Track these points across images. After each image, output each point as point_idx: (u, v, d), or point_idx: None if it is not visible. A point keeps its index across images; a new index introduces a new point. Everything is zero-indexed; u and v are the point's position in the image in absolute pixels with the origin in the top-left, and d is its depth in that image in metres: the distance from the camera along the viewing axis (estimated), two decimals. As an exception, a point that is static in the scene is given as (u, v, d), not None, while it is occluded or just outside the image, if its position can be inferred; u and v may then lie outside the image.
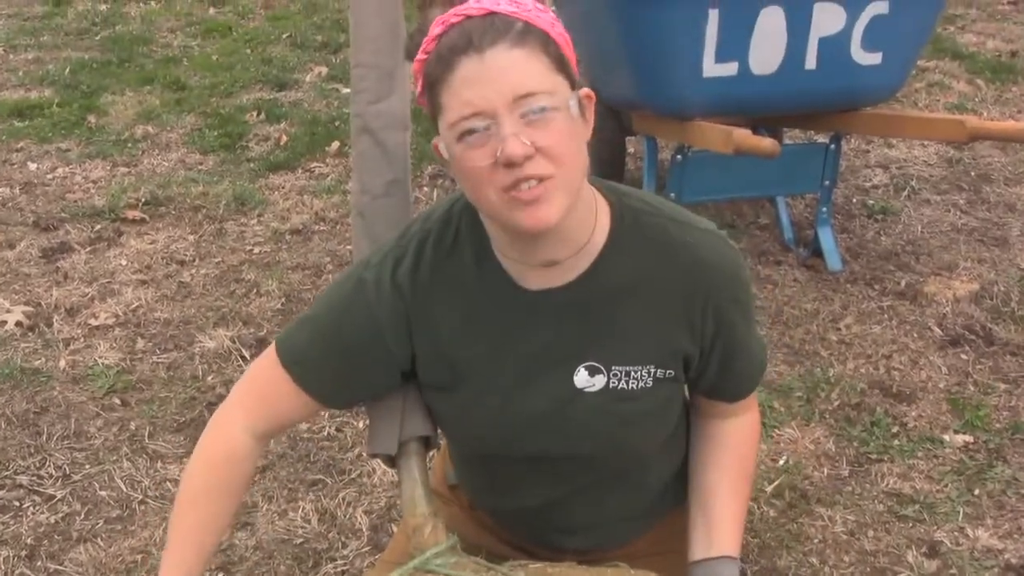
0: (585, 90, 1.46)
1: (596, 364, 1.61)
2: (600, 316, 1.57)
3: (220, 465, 1.70)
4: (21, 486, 3.18)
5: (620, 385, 1.62)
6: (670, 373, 1.64)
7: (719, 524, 1.73)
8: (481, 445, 1.70)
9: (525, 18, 1.40)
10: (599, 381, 1.61)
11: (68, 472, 3.24)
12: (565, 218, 1.44)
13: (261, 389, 1.70)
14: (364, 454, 3.27)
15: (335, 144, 5.59)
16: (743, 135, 3.52)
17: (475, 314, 1.59)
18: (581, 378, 1.61)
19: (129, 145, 5.67)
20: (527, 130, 1.38)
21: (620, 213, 1.57)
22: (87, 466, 3.28)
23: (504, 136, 1.37)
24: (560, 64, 1.41)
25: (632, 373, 1.62)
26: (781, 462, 3.25)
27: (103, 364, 3.76)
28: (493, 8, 1.39)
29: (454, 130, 1.40)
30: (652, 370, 1.62)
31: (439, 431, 1.76)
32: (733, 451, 1.78)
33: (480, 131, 1.38)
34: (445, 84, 1.39)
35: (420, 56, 1.44)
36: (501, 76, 1.37)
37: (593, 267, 1.55)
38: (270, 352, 1.68)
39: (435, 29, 1.41)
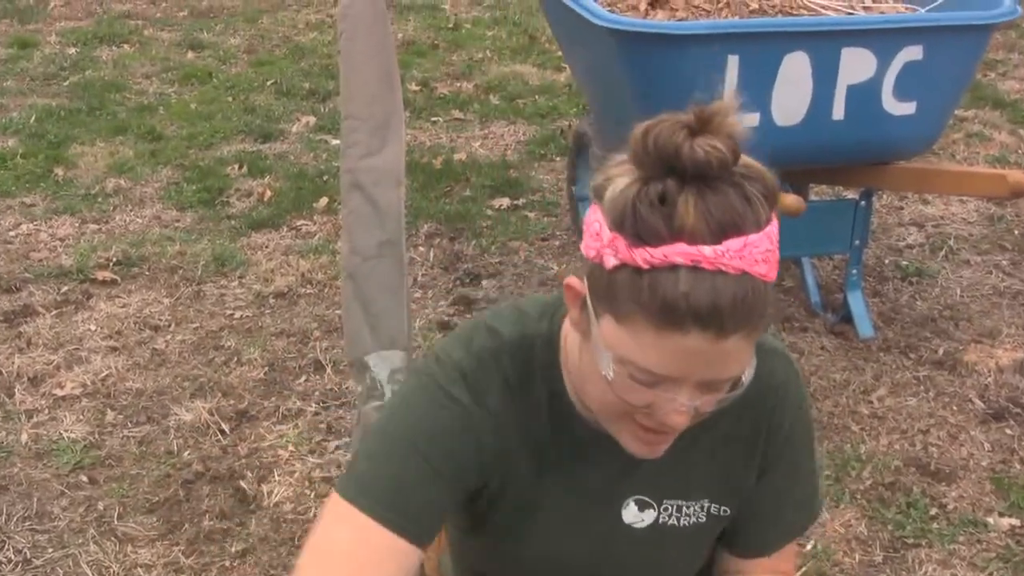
0: None
1: (647, 499, 1.61)
2: None
3: None
4: (-22, 572, 3.19)
5: (671, 521, 1.62)
6: (725, 511, 1.64)
7: None
8: (508, 573, 1.70)
9: (770, 276, 1.30)
10: (648, 516, 1.61)
11: (29, 556, 3.25)
12: None
13: (347, 559, 1.48)
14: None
15: (323, 200, 5.62)
16: (765, 191, 3.55)
17: (543, 450, 1.57)
18: (630, 512, 1.61)
19: (99, 200, 5.71)
20: (697, 396, 1.36)
21: None
22: (50, 550, 3.28)
23: (676, 407, 1.36)
24: (765, 326, 1.36)
25: (684, 508, 1.62)
26: (809, 547, 3.25)
27: (69, 438, 3.77)
28: (748, 267, 1.27)
29: (628, 365, 1.34)
30: (706, 505, 1.63)
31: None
32: None
33: (654, 381, 1.35)
34: (656, 331, 1.29)
35: (645, 255, 1.27)
36: (718, 363, 1.32)
37: None
38: (337, 506, 1.51)
39: (676, 256, 1.26)
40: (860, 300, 4.43)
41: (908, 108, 4.00)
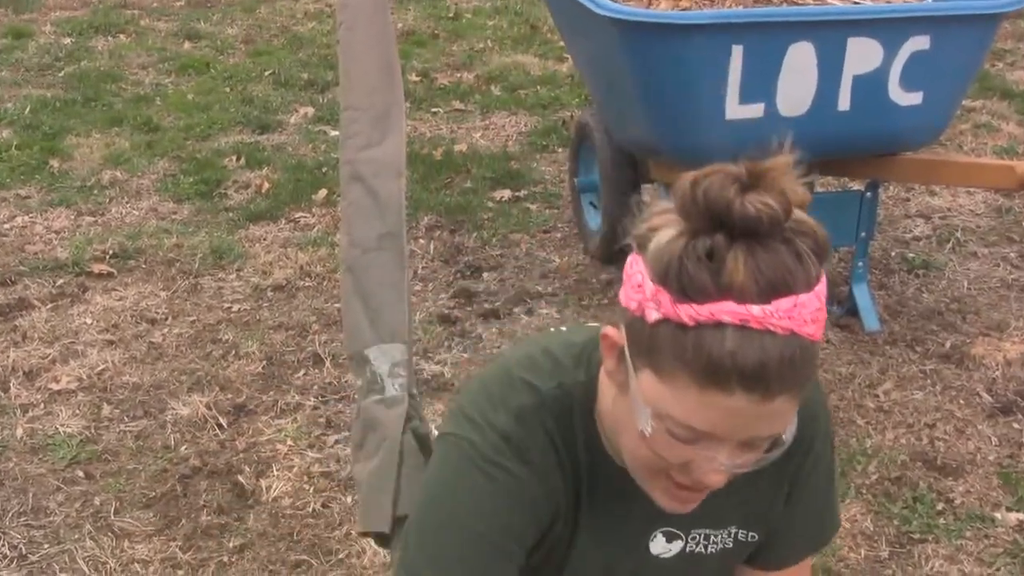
0: None
1: (675, 530, 1.61)
2: None
3: None
4: (-27, 568, 3.19)
5: (698, 549, 1.62)
6: (753, 536, 1.65)
7: None
8: None
9: (817, 335, 1.29)
10: (676, 546, 1.62)
11: (24, 552, 3.25)
12: None
13: None
14: (354, 532, 3.28)
15: (322, 192, 5.63)
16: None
17: (580, 492, 1.57)
18: (658, 544, 1.61)
19: (95, 192, 5.71)
20: (737, 455, 1.35)
21: None
22: (46, 545, 3.29)
23: (714, 466, 1.35)
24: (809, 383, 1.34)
25: (712, 537, 1.62)
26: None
27: (65, 433, 3.78)
28: (797, 327, 1.26)
29: (664, 418, 1.33)
30: (733, 531, 1.63)
31: None
32: None
33: (693, 438, 1.33)
34: (699, 389, 1.27)
35: (690, 312, 1.26)
36: (762, 423, 1.31)
37: None
38: None
39: (724, 314, 1.24)
40: (866, 293, 4.43)
41: (915, 98, 4.00)
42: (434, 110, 6.94)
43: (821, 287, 1.29)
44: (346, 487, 3.48)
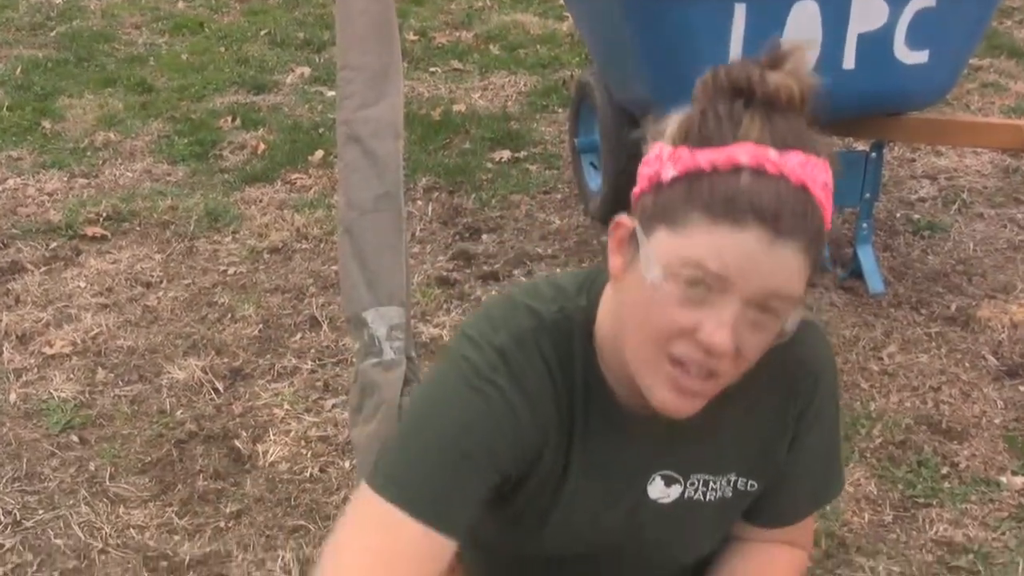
0: None
1: (674, 474, 1.60)
2: (690, 423, 1.52)
3: None
4: (-33, 534, 3.20)
5: (696, 496, 1.62)
6: (752, 485, 1.65)
7: None
8: (525, 550, 1.69)
9: (826, 212, 1.35)
10: (674, 491, 1.61)
11: (19, 518, 3.25)
12: None
13: (381, 555, 1.47)
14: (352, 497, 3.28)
15: (319, 153, 5.62)
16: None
17: (575, 428, 1.56)
18: (656, 488, 1.61)
19: (88, 154, 5.70)
20: (743, 325, 1.35)
21: None
22: (40, 511, 3.29)
23: (722, 321, 1.33)
24: (815, 268, 1.37)
25: (711, 483, 1.62)
26: (817, 507, 3.26)
27: (59, 397, 3.78)
28: (808, 182, 1.32)
29: (680, 267, 1.33)
30: (733, 479, 1.63)
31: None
32: None
33: (703, 292, 1.33)
34: (713, 224, 1.31)
35: (709, 155, 1.33)
36: (773, 271, 1.31)
37: None
38: (370, 503, 1.50)
39: (742, 156, 1.31)
40: (870, 255, 4.42)
41: (921, 57, 3.97)
42: (432, 70, 6.91)
43: (830, 172, 1.36)
44: (344, 451, 3.48)
